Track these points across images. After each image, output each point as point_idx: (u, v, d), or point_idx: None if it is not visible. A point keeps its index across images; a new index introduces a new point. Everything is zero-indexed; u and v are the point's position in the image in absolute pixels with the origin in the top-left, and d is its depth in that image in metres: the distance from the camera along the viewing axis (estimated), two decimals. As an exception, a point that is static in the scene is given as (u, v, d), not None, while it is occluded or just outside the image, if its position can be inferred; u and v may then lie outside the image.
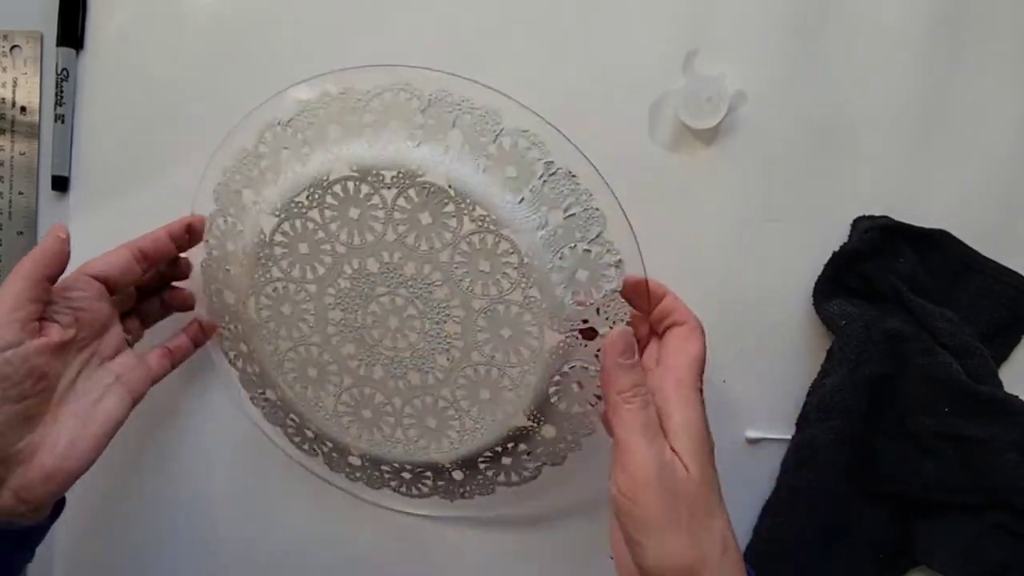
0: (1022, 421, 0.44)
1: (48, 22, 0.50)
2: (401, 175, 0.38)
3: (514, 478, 0.44)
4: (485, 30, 0.48)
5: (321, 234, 0.40)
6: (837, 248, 0.46)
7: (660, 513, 0.33)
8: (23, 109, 0.50)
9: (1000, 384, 0.46)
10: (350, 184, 0.39)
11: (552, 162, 0.38)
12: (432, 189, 0.38)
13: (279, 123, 0.41)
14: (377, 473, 0.47)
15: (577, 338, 0.39)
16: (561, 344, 0.39)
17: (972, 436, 0.44)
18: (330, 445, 0.47)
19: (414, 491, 0.47)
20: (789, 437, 0.46)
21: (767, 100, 0.47)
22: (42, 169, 0.50)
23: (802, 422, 0.46)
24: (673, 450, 0.35)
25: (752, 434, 0.47)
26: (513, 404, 0.41)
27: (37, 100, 0.50)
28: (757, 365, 0.48)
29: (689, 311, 0.40)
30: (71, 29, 0.49)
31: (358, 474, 0.47)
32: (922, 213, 0.47)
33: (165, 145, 0.50)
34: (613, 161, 0.48)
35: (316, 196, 0.39)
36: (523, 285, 0.38)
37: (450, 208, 0.38)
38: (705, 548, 0.33)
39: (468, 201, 0.38)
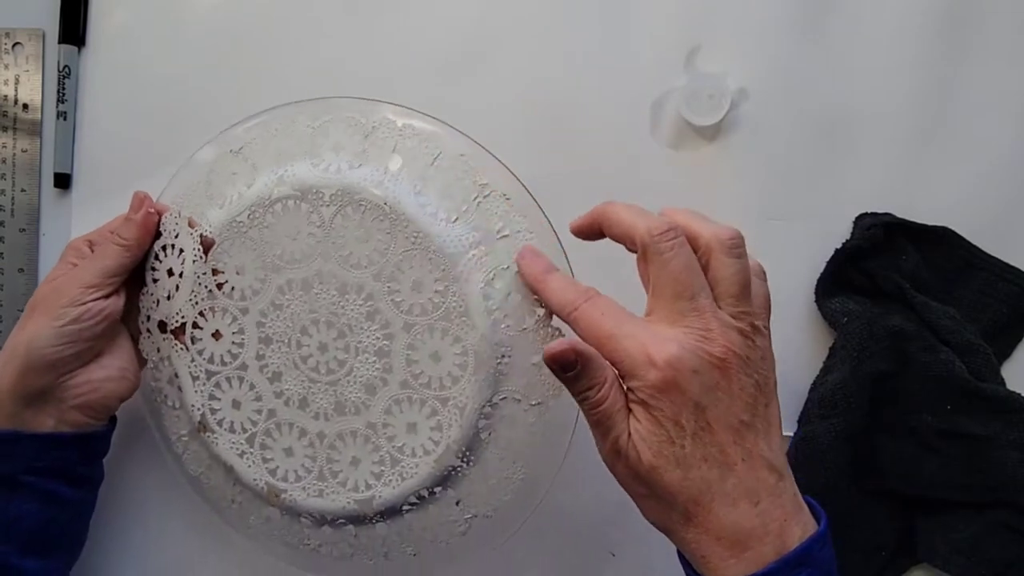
0: (1024, 419, 0.44)
1: (50, 19, 0.50)
2: (340, 193, 0.39)
3: (441, 535, 0.42)
4: (487, 27, 0.49)
5: (257, 251, 0.41)
6: (839, 245, 0.46)
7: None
8: (25, 106, 0.50)
9: (1003, 382, 0.46)
10: (291, 202, 0.40)
11: (486, 184, 0.40)
12: (368, 206, 0.39)
13: (230, 150, 0.42)
14: (296, 526, 0.44)
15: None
16: (491, 371, 0.39)
17: (974, 434, 0.44)
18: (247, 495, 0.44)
19: (335, 552, 0.44)
20: (791, 434, 0.46)
21: (769, 97, 0.47)
22: (44, 166, 0.50)
23: (804, 419, 0.46)
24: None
25: (754, 431, 0.47)
26: (442, 437, 0.40)
27: (39, 97, 0.50)
28: (759, 362, 0.48)
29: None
30: (73, 26, 0.49)
31: (275, 531, 0.45)
32: (924, 210, 0.47)
33: (167, 141, 0.50)
34: (615, 159, 0.48)
35: (257, 215, 0.40)
36: (454, 306, 0.39)
37: (385, 225, 0.39)
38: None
39: (403, 219, 0.39)
